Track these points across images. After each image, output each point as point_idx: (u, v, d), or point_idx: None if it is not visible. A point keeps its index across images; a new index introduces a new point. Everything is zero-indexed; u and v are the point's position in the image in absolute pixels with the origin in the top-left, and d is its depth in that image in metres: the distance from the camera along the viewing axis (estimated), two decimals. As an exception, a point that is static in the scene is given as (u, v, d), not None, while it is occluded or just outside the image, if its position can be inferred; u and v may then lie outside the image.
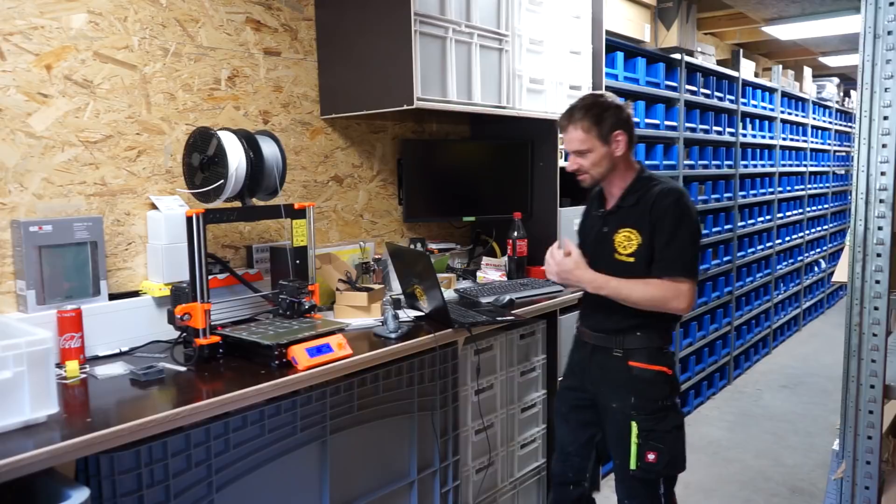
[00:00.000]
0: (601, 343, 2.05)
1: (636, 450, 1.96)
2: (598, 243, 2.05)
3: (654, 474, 1.98)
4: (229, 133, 1.93)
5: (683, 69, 4.12)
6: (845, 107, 7.96)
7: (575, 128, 1.98)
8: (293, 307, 1.99)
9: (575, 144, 1.98)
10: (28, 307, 1.79)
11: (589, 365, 2.09)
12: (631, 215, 1.97)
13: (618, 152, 1.98)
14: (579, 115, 1.97)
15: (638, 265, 1.94)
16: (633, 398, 1.97)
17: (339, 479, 1.90)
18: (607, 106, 1.98)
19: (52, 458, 1.27)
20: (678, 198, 1.92)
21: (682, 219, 1.91)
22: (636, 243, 1.94)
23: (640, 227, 1.94)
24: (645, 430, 1.95)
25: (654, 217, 1.91)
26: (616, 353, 2.01)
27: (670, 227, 1.90)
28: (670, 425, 1.97)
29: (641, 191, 1.98)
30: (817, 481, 3.39)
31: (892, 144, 1.48)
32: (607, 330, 2.03)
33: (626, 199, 2.00)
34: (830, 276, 6.99)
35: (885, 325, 1.52)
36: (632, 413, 1.97)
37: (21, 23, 1.81)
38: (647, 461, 1.95)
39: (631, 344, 1.99)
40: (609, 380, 2.03)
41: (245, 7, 2.32)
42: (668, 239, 1.90)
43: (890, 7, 1.46)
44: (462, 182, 2.96)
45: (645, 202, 1.95)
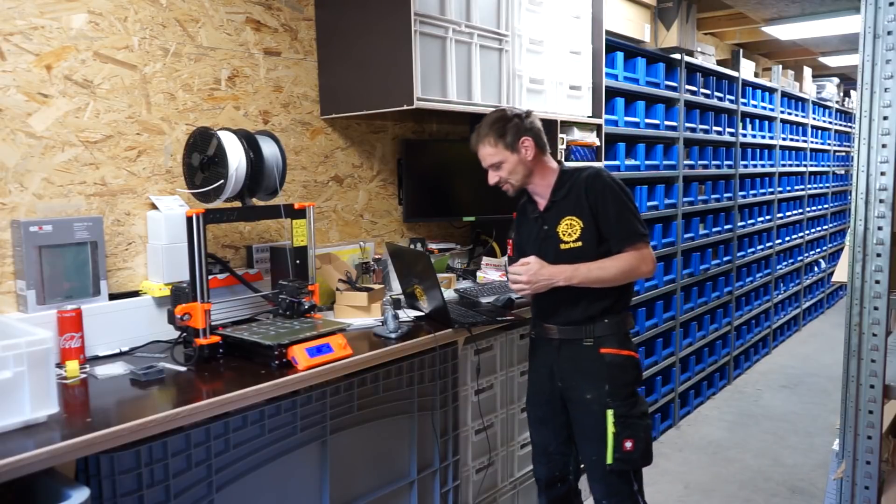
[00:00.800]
0: (570, 336, 2.08)
1: (613, 440, 2.00)
2: (541, 242, 2.10)
3: (631, 464, 2.02)
4: (229, 133, 1.93)
5: (683, 69, 4.12)
6: (845, 107, 7.97)
7: (483, 145, 2.07)
8: (293, 307, 1.99)
9: (488, 160, 2.08)
10: (28, 307, 1.79)
11: (557, 360, 2.11)
12: (567, 205, 2.05)
13: (528, 157, 2.06)
14: (485, 132, 2.06)
15: (586, 248, 2.01)
16: (606, 385, 2.01)
17: (339, 479, 1.90)
18: (508, 118, 2.06)
19: (53, 458, 1.27)
20: (604, 176, 2.04)
21: (615, 192, 2.01)
22: (579, 228, 2.02)
23: (579, 212, 2.02)
24: (620, 416, 2.00)
25: (590, 200, 2.01)
26: (587, 343, 2.05)
27: (612, 203, 2.00)
28: (639, 411, 2.04)
29: (568, 182, 2.07)
30: (817, 481, 3.39)
31: (892, 144, 1.48)
32: (576, 321, 2.06)
33: (556, 194, 2.08)
34: (830, 276, 6.99)
35: (884, 325, 1.52)
36: (607, 401, 2.01)
37: (21, 23, 1.81)
38: (625, 450, 2.00)
39: (601, 331, 2.04)
40: (581, 371, 2.06)
41: (245, 7, 2.32)
42: (614, 214, 2.00)
43: (890, 7, 1.46)
44: (462, 182, 2.96)
45: (576, 189, 2.04)
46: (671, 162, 4.11)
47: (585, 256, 2.01)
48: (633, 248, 2.00)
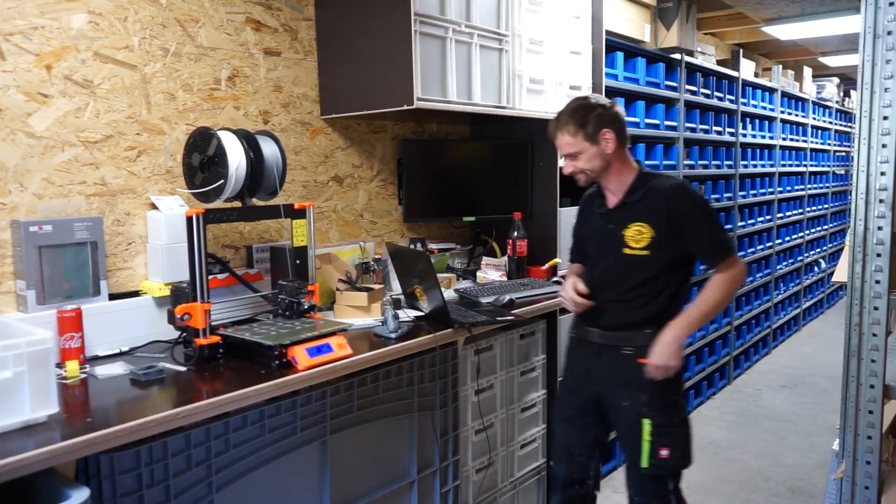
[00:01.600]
0: (610, 342, 2.06)
1: (649, 447, 1.98)
2: (603, 240, 2.08)
3: (667, 470, 2.00)
4: (229, 133, 1.93)
5: (683, 69, 4.12)
6: (845, 107, 7.96)
7: (562, 133, 2.02)
8: (292, 307, 1.99)
9: (566, 148, 2.04)
10: (28, 307, 1.79)
11: (595, 365, 2.10)
12: (640, 210, 2.01)
13: (608, 150, 2.00)
14: (565, 120, 2.02)
15: (652, 258, 1.98)
16: (644, 396, 1.99)
17: (339, 479, 1.90)
18: (591, 107, 2.01)
19: (52, 458, 1.27)
20: (689, 190, 2.02)
21: (703, 208, 2.01)
22: (648, 237, 1.98)
23: (652, 221, 1.98)
24: (657, 426, 1.98)
25: (673, 215, 1.97)
26: (626, 351, 2.02)
27: (702, 220, 1.98)
28: (679, 419, 2.01)
29: (645, 186, 2.02)
30: (817, 481, 3.39)
31: (892, 144, 1.48)
32: (617, 327, 2.04)
33: (631, 196, 2.03)
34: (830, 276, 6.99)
35: (885, 325, 1.52)
36: (643, 410, 1.99)
37: (21, 23, 1.81)
38: (660, 458, 1.98)
39: (641, 341, 2.00)
40: (619, 378, 2.04)
41: (245, 7, 2.32)
42: (706, 232, 1.99)
43: (890, 7, 1.46)
44: (462, 182, 2.96)
45: (655, 197, 1.99)
46: (671, 162, 4.11)
47: (649, 266, 1.99)
48: (725, 264, 1.99)
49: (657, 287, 2.01)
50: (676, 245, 1.99)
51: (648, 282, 2.01)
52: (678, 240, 1.99)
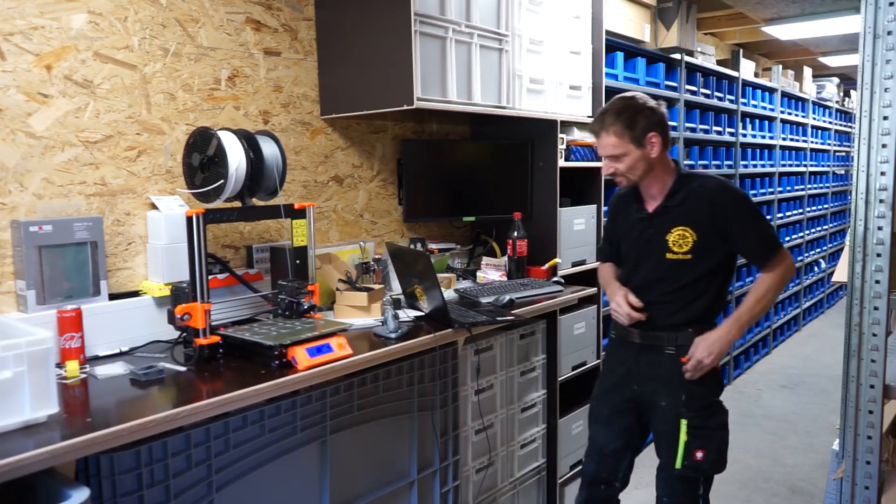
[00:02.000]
0: (651, 342, 2.05)
1: (683, 448, 1.97)
2: (643, 245, 2.06)
3: (700, 472, 2.00)
4: (229, 133, 1.93)
5: (683, 69, 4.12)
6: (845, 107, 7.97)
7: (607, 133, 1.95)
8: (292, 307, 1.99)
9: (609, 150, 1.97)
10: (28, 307, 1.79)
11: (636, 365, 2.09)
12: (682, 214, 1.98)
13: (653, 154, 1.96)
14: (611, 120, 1.95)
15: (695, 262, 1.97)
16: (683, 396, 1.98)
17: (339, 479, 1.90)
18: (640, 108, 1.95)
19: (52, 458, 1.27)
20: (732, 189, 1.99)
21: (749, 207, 1.99)
22: (692, 241, 1.96)
23: (695, 224, 1.96)
24: (694, 426, 1.97)
25: (718, 217, 1.94)
26: (668, 351, 2.02)
27: (749, 220, 1.97)
28: (718, 422, 2.00)
29: (685, 189, 1.99)
30: (817, 481, 3.39)
31: (892, 144, 1.48)
32: (659, 328, 2.03)
33: (672, 199, 2.00)
34: (830, 276, 6.99)
35: (885, 325, 1.52)
36: (682, 410, 1.98)
37: (21, 23, 1.81)
38: (695, 459, 1.97)
39: (684, 340, 1.99)
40: (659, 378, 2.04)
41: (245, 7, 2.32)
42: (753, 230, 1.97)
43: (890, 7, 1.46)
44: (462, 182, 2.96)
45: (698, 200, 1.97)
46: (671, 162, 4.10)
47: (692, 270, 1.98)
48: (776, 259, 1.98)
49: (700, 289, 2.00)
50: (720, 247, 1.98)
51: (691, 284, 1.99)
52: (722, 241, 1.97)
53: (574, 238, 3.02)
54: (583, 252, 3.10)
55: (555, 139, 2.93)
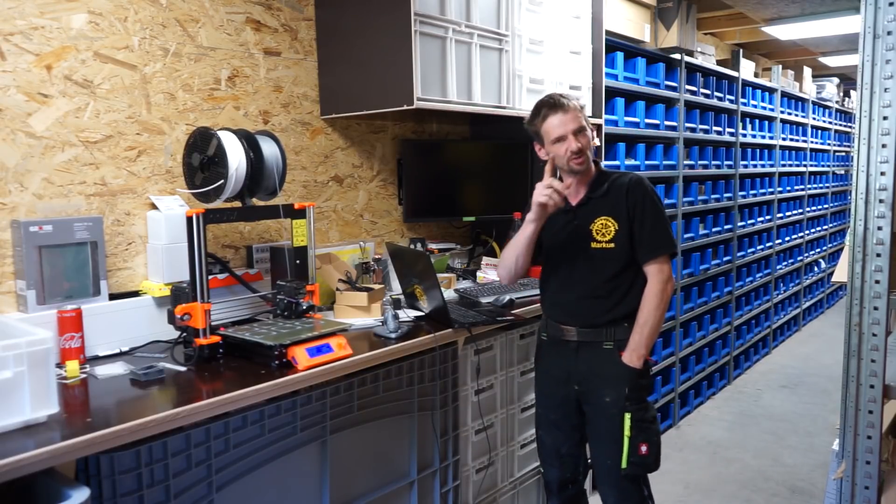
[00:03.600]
0: (589, 338, 2.07)
1: (629, 444, 1.99)
2: (570, 236, 2.09)
3: (645, 469, 2.02)
4: (229, 133, 1.93)
5: (683, 69, 4.12)
6: (845, 107, 7.96)
7: (576, 109, 2.04)
8: (291, 307, 1.98)
9: (579, 121, 2.02)
10: (28, 307, 1.79)
11: (575, 363, 2.10)
12: (604, 205, 2.05)
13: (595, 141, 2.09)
14: (574, 103, 2.05)
15: (617, 250, 2.03)
16: (626, 388, 2.00)
17: (339, 479, 1.90)
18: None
19: (53, 458, 1.27)
20: (646, 185, 2.06)
21: (654, 202, 2.05)
22: (613, 230, 2.03)
23: (615, 214, 2.03)
24: (637, 420, 1.99)
25: (630, 205, 2.02)
26: (606, 346, 2.05)
27: (651, 213, 2.02)
28: (651, 416, 2.04)
29: (607, 182, 2.07)
30: (817, 481, 3.39)
31: (892, 144, 1.48)
32: (596, 324, 2.06)
33: (595, 191, 2.07)
34: (830, 276, 6.99)
35: (884, 325, 1.52)
36: (625, 404, 2.00)
37: (21, 23, 1.81)
38: (640, 454, 1.99)
39: (621, 335, 2.04)
40: (601, 374, 2.05)
41: (245, 7, 2.32)
42: (651, 224, 2.02)
43: (890, 7, 1.46)
44: (462, 182, 2.96)
45: (617, 191, 2.04)
46: (671, 162, 4.11)
47: (617, 259, 2.03)
48: (656, 261, 2.02)
49: (628, 281, 2.05)
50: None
51: (618, 275, 2.04)
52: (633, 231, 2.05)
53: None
54: (583, 252, 3.09)
55: (555, 139, 2.93)
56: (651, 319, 2.01)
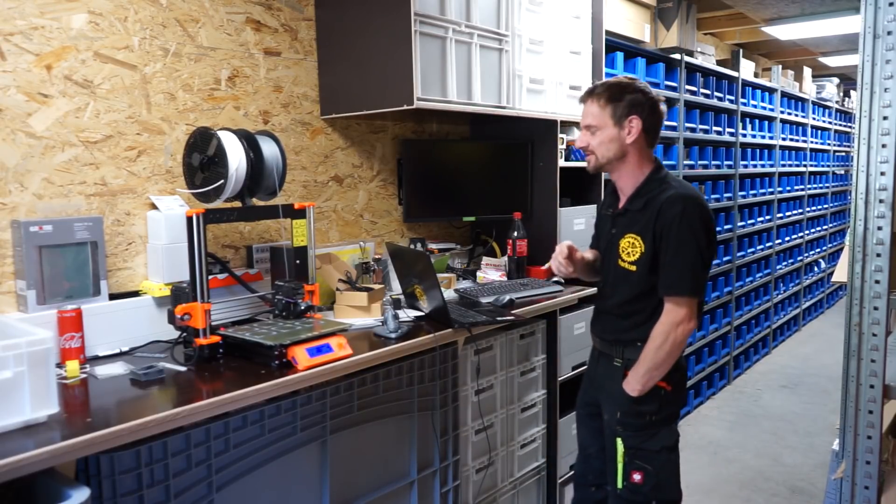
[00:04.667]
0: (606, 350, 2.02)
1: (622, 468, 1.90)
2: (608, 245, 1.98)
3: (642, 497, 1.89)
4: (229, 133, 1.93)
5: (683, 69, 4.12)
6: (845, 107, 7.97)
7: (592, 101, 1.89)
8: (289, 308, 1.98)
9: (587, 119, 1.90)
10: (28, 307, 1.79)
11: (595, 372, 2.10)
12: (637, 221, 1.87)
13: (628, 139, 1.86)
14: (600, 90, 1.88)
15: (639, 274, 1.86)
16: (618, 413, 1.90)
17: (339, 479, 1.90)
18: (630, 88, 1.86)
19: (53, 458, 1.27)
20: (686, 206, 1.79)
21: (688, 230, 1.78)
22: (639, 251, 1.85)
23: (644, 234, 1.84)
24: (631, 447, 1.88)
25: (658, 226, 1.80)
26: (616, 363, 1.96)
27: (676, 241, 1.78)
28: (660, 445, 1.87)
29: (651, 194, 1.86)
30: (817, 481, 3.39)
31: (892, 144, 1.48)
32: (610, 339, 1.99)
33: (634, 202, 1.89)
34: (830, 276, 6.99)
35: (884, 325, 1.52)
36: (617, 429, 1.91)
37: (21, 23, 1.81)
38: (633, 482, 1.88)
39: (631, 355, 1.91)
40: (607, 389, 1.99)
41: (245, 7, 2.32)
42: (673, 253, 1.79)
43: (890, 7, 1.46)
44: (462, 182, 2.96)
45: (652, 208, 1.83)
46: (671, 162, 4.11)
47: (634, 285, 1.86)
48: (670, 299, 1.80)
49: (648, 307, 1.88)
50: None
51: (635, 300, 1.89)
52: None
53: (574, 238, 3.00)
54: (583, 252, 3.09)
55: (555, 139, 2.93)
56: (648, 360, 1.82)
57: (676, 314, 1.80)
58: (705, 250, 1.80)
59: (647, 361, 1.84)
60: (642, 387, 1.86)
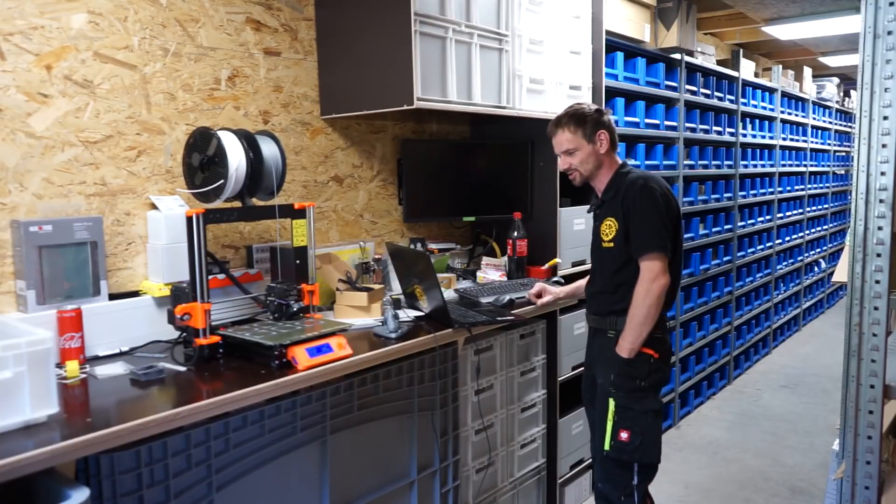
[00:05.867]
0: (598, 325, 2.26)
1: (611, 427, 2.10)
2: (593, 235, 2.29)
3: (627, 455, 2.09)
4: (229, 133, 1.93)
5: (683, 69, 4.12)
6: (845, 107, 7.96)
7: (563, 131, 2.21)
8: (281, 309, 1.98)
9: (564, 145, 2.22)
10: (28, 307, 1.79)
11: (590, 346, 2.34)
12: (611, 206, 2.19)
13: (601, 150, 2.21)
14: (565, 121, 2.21)
15: (616, 250, 2.16)
16: (612, 375, 2.13)
17: (339, 479, 1.90)
18: (589, 111, 2.22)
19: (52, 458, 1.27)
20: (644, 183, 2.13)
21: (647, 200, 2.10)
22: (614, 230, 2.16)
23: (616, 215, 2.15)
24: (621, 406, 2.10)
25: (625, 206, 2.12)
26: (609, 335, 2.20)
27: (639, 209, 2.10)
28: (646, 408, 2.10)
29: (618, 183, 2.19)
30: (817, 481, 3.39)
31: (892, 144, 1.48)
32: (602, 312, 2.23)
33: (607, 193, 2.22)
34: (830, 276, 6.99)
35: (885, 325, 1.52)
36: (610, 389, 2.12)
37: (21, 23, 1.81)
38: (620, 439, 2.09)
39: (622, 325, 2.14)
40: (601, 359, 2.22)
41: (245, 7, 2.32)
42: (639, 221, 2.10)
43: (890, 7, 1.46)
44: (462, 182, 2.96)
45: (620, 192, 2.16)
46: (671, 162, 4.11)
47: (615, 259, 2.16)
48: (643, 259, 2.09)
49: (630, 278, 2.13)
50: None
51: (618, 272, 2.16)
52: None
53: (574, 238, 3.02)
54: (583, 252, 3.10)
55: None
56: (636, 313, 2.08)
57: (650, 271, 2.08)
58: (665, 216, 2.11)
59: (635, 318, 2.09)
60: (631, 345, 2.10)
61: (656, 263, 2.07)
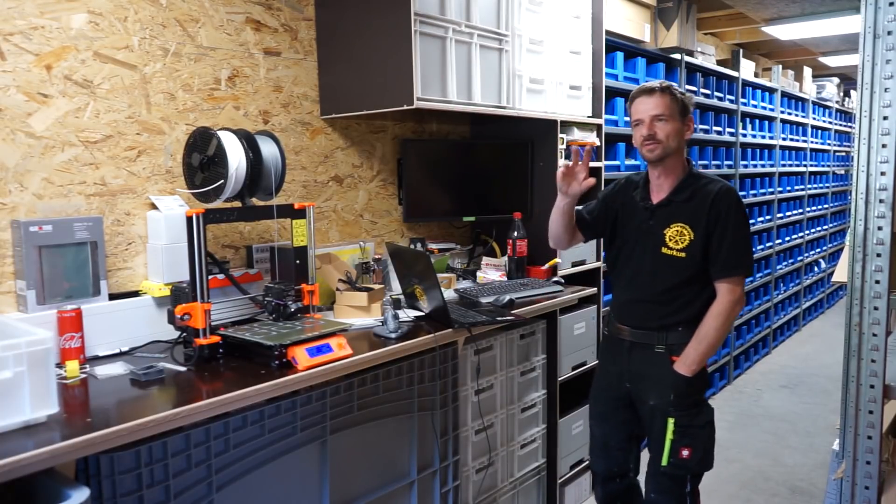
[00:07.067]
0: (642, 340, 2.08)
1: (670, 446, 2.01)
2: (643, 235, 2.08)
3: (686, 471, 2.04)
4: (229, 133, 1.93)
5: (683, 69, 4.12)
6: (845, 107, 7.96)
7: (662, 94, 2.00)
8: (279, 309, 1.98)
9: (659, 108, 1.99)
10: (28, 307, 1.79)
11: (628, 363, 2.12)
12: (684, 211, 2.01)
13: (687, 134, 2.04)
14: (665, 86, 2.02)
15: (688, 260, 1.99)
16: (671, 395, 2.00)
17: (339, 479, 1.90)
18: (680, 91, 2.05)
19: (52, 458, 1.27)
20: (736, 198, 2.02)
21: (741, 215, 2.00)
22: (688, 239, 1.99)
23: (694, 223, 1.99)
24: (681, 426, 2.00)
25: (712, 215, 1.97)
26: (658, 350, 2.05)
27: (733, 228, 1.97)
28: (704, 420, 2.03)
29: (694, 187, 2.02)
30: (817, 481, 3.39)
31: (892, 144, 1.48)
32: (650, 327, 2.06)
33: (678, 194, 2.03)
34: (830, 276, 6.99)
35: (885, 325, 1.52)
36: (669, 409, 2.01)
37: (21, 23, 1.81)
38: (681, 457, 2.01)
39: (674, 339, 2.02)
40: (650, 376, 2.07)
41: (245, 7, 2.32)
42: (731, 240, 1.97)
43: (890, 7, 1.46)
44: (462, 182, 2.96)
45: (702, 199, 1.99)
46: (671, 162, 4.10)
47: (683, 270, 2.00)
48: (728, 280, 1.97)
49: (692, 292, 2.01)
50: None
51: (682, 285, 2.01)
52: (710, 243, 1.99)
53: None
54: (583, 252, 3.10)
55: (555, 139, 2.93)
56: (710, 337, 1.97)
57: (734, 293, 1.97)
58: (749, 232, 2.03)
59: (707, 339, 1.97)
60: (698, 366, 1.98)
61: (740, 287, 1.98)
